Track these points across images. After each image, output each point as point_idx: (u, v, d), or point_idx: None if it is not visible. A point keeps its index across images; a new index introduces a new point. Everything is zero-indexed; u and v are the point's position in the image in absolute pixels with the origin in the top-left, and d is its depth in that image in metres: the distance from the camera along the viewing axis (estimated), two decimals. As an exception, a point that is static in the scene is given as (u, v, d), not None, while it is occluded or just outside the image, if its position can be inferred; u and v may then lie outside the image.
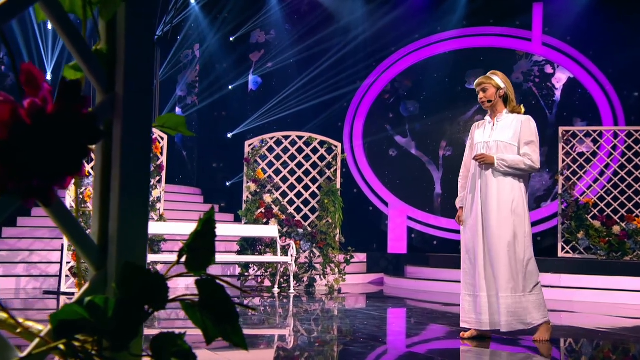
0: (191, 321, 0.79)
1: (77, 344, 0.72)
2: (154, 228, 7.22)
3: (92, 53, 0.75)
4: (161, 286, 0.75)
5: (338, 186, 8.38)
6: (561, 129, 9.35)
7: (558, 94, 11.12)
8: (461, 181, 4.30)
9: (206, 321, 0.77)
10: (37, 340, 0.69)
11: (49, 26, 10.99)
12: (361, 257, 9.64)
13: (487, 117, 4.26)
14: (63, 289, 6.88)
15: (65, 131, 0.68)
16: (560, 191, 9.12)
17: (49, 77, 11.11)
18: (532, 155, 4.05)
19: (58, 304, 6.09)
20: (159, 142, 7.65)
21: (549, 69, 11.19)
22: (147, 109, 0.77)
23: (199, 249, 0.77)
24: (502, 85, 4.15)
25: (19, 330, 0.75)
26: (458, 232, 11.00)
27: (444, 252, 10.27)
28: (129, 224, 0.75)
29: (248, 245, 8.11)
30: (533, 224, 10.77)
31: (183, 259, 0.77)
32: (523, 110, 4.25)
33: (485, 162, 4.02)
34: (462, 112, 11.60)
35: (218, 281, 0.76)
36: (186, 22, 12.24)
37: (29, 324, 0.75)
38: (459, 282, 7.97)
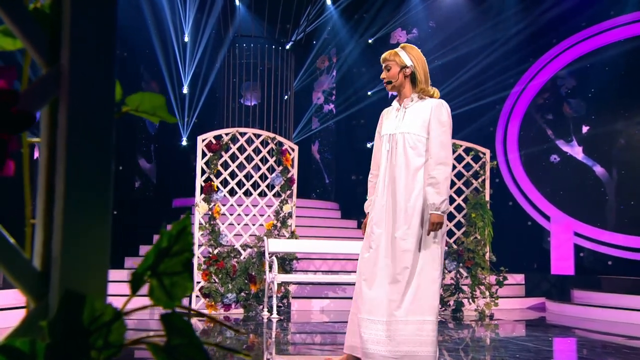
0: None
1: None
2: (285, 246, 7.24)
3: (28, 12, 0.61)
4: (115, 324, 0.59)
5: (487, 198, 7.91)
6: None
7: None
8: (371, 181, 3.80)
9: (178, 373, 0.59)
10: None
11: (186, 38, 11.64)
12: (518, 278, 9.07)
13: (395, 103, 3.74)
14: (194, 309, 7.11)
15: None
16: None
17: (185, 90, 11.73)
18: (436, 157, 3.45)
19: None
20: (289, 154, 7.62)
21: None
22: (104, 85, 0.62)
23: (166, 273, 0.60)
24: (408, 63, 3.60)
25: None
26: (637, 250, 10.11)
27: (620, 275, 9.46)
28: (78, 242, 0.60)
29: (387, 264, 7.91)
30: None
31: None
32: (437, 94, 3.65)
33: (438, 223, 3.44)
34: (641, 109, 10.56)
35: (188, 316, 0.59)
36: (322, 27, 12.37)
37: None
38: (638, 310, 7.23)
